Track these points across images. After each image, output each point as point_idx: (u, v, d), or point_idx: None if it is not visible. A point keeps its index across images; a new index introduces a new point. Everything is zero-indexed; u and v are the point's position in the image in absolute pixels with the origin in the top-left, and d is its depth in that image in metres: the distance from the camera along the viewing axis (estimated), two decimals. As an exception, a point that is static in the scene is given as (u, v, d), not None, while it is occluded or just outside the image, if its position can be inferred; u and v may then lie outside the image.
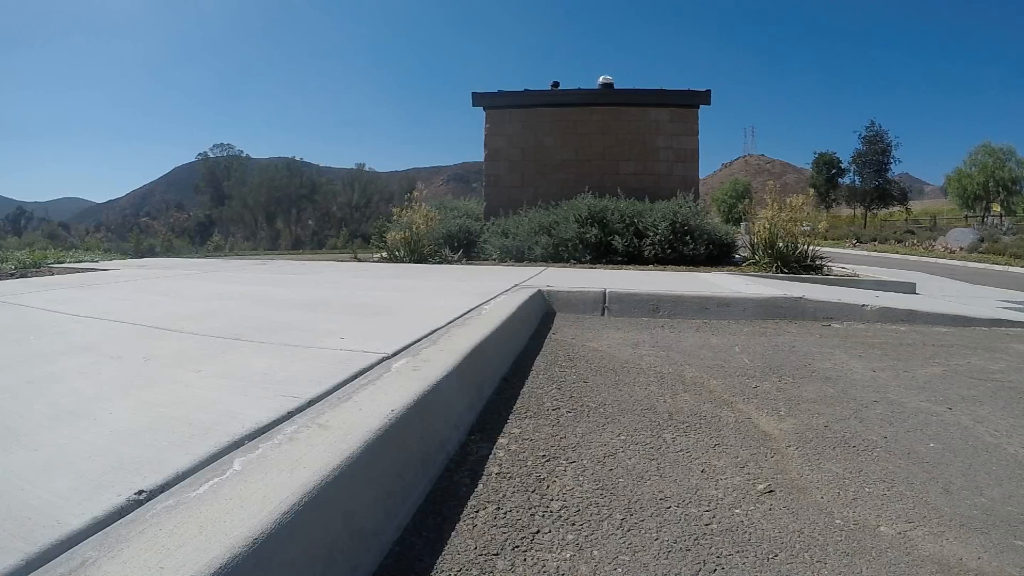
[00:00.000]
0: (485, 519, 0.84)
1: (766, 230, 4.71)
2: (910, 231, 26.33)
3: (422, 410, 0.99)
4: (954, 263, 12.93)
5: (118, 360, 1.20)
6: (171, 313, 1.84)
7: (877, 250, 17.43)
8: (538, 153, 7.16)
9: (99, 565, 0.51)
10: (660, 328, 2.32)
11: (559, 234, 5.34)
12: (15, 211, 77.18)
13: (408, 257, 5.28)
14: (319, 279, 3.12)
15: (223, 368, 1.14)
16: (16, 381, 1.05)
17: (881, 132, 35.81)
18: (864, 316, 2.56)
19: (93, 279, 2.95)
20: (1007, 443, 1.16)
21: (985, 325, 2.53)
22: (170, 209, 68.73)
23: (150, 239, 35.48)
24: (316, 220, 44.21)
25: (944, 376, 1.68)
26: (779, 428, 1.22)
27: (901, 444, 1.15)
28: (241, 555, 0.53)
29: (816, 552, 0.78)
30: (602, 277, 3.43)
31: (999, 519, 0.87)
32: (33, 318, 1.75)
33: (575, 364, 1.70)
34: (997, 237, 16.83)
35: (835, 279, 4.19)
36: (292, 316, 1.80)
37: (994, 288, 5.98)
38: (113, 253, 8.34)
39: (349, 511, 0.71)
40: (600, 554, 0.77)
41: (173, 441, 0.77)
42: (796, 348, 2.01)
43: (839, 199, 39.28)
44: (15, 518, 0.58)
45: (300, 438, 0.79)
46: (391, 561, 0.74)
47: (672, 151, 7.24)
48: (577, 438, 1.14)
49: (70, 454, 0.73)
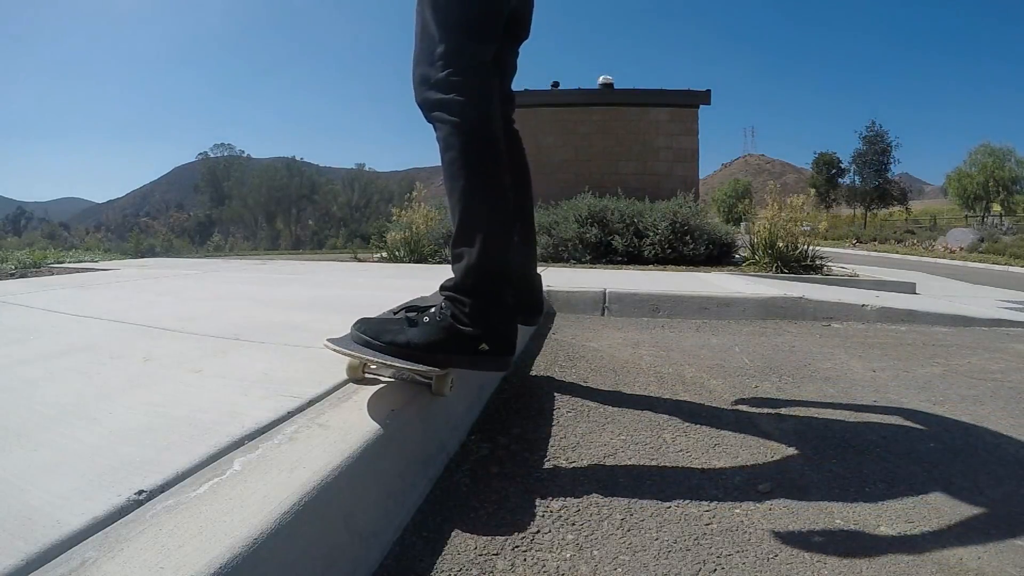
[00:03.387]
0: (485, 519, 0.84)
1: (766, 230, 4.72)
2: (910, 231, 26.34)
3: (423, 410, 0.99)
4: (954, 263, 12.93)
5: (118, 360, 1.20)
6: (171, 313, 1.84)
7: (877, 250, 17.44)
8: (538, 153, 7.16)
9: (99, 565, 0.51)
10: (660, 328, 2.32)
11: (559, 234, 5.34)
12: (15, 211, 77.21)
13: (408, 257, 5.28)
14: (319, 279, 3.12)
15: (223, 368, 1.14)
16: (16, 381, 1.05)
17: (881, 132, 35.83)
18: (864, 316, 2.56)
19: (93, 279, 2.95)
20: (1007, 443, 1.16)
21: (985, 325, 2.53)
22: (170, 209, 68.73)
23: (150, 239, 35.52)
24: (316, 220, 44.27)
25: (944, 376, 1.68)
26: (779, 428, 1.22)
27: (901, 444, 1.15)
28: (241, 555, 0.53)
29: (816, 552, 0.78)
30: (602, 277, 3.44)
31: (999, 519, 0.87)
32: (33, 318, 1.75)
33: (575, 364, 1.70)
34: (997, 237, 16.84)
35: (835, 279, 4.19)
36: (292, 316, 1.80)
37: (994, 288, 5.99)
38: (113, 253, 8.35)
39: (349, 511, 0.71)
40: (600, 554, 0.77)
41: (173, 441, 0.77)
42: (796, 348, 2.01)
43: (839, 199, 39.31)
44: (15, 518, 0.58)
45: (300, 438, 0.79)
46: (391, 561, 0.74)
47: (672, 151, 7.24)
48: (577, 438, 1.14)
49: (70, 454, 0.73)
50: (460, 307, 0.97)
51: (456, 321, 0.97)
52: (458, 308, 0.97)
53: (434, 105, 1.00)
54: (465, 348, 0.97)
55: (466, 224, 0.98)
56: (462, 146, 0.98)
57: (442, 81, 0.98)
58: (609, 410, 1.30)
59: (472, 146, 0.98)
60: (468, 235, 0.98)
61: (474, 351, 0.97)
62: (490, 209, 0.99)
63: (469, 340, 0.97)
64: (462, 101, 0.98)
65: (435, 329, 0.97)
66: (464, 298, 0.97)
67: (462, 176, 0.98)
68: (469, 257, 0.97)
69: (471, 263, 0.97)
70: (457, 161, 0.98)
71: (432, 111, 1.01)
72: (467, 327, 0.97)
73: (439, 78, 0.99)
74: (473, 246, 0.97)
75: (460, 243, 0.99)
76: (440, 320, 0.97)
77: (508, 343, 1.02)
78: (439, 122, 1.00)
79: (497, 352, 0.99)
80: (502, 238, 1.01)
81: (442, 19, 0.99)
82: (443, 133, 1.00)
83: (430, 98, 1.01)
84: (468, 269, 0.97)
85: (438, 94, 0.99)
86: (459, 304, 0.97)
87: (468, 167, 0.98)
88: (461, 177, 0.98)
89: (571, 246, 5.25)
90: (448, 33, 0.99)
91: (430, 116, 1.03)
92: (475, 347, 0.97)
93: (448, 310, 0.98)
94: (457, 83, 0.98)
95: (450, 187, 1.00)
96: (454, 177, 0.99)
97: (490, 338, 0.98)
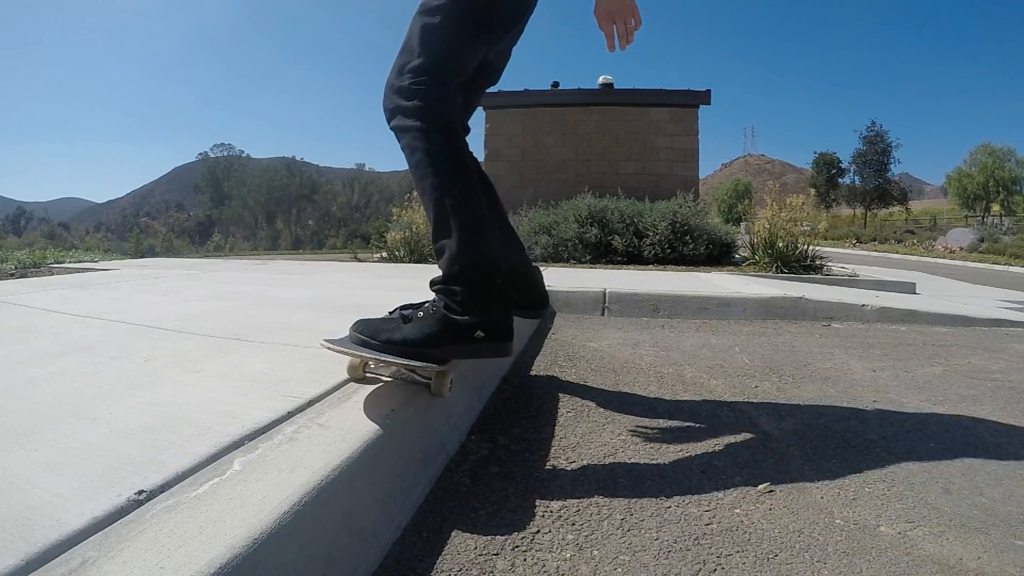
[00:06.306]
0: (485, 519, 0.84)
1: (766, 230, 4.72)
2: (910, 231, 26.36)
3: (422, 410, 0.99)
4: (954, 263, 12.94)
5: (118, 360, 1.20)
6: (171, 313, 1.84)
7: (877, 250, 17.45)
8: (538, 153, 7.17)
9: (99, 565, 0.51)
10: (660, 328, 2.32)
11: (559, 234, 5.34)
12: (15, 211, 77.23)
13: (408, 257, 5.27)
14: (319, 279, 3.12)
15: (223, 368, 1.14)
16: (16, 381, 1.05)
17: (881, 132, 35.84)
18: (864, 316, 2.56)
19: (93, 279, 2.95)
20: (1007, 443, 1.16)
21: (985, 325, 2.53)
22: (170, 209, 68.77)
23: (150, 239, 35.54)
24: (316, 220, 44.28)
25: (944, 376, 1.68)
26: (779, 428, 1.22)
27: (901, 444, 1.15)
28: (241, 555, 0.53)
29: (816, 552, 0.78)
30: (602, 277, 3.44)
31: (999, 519, 0.87)
32: (33, 318, 1.75)
33: (575, 364, 1.70)
34: (997, 237, 16.85)
35: (835, 279, 4.19)
36: (293, 316, 1.80)
37: (994, 288, 5.99)
38: (113, 253, 8.35)
39: (349, 511, 0.71)
40: (600, 554, 0.77)
41: (173, 441, 0.77)
42: (796, 348, 2.01)
43: (839, 199, 39.32)
44: (16, 517, 0.58)
45: (300, 438, 0.79)
46: (391, 561, 0.74)
47: (672, 151, 7.24)
48: (577, 438, 1.14)
49: (70, 454, 0.73)
50: (452, 297, 0.98)
51: (449, 312, 0.98)
52: (450, 298, 0.98)
53: (397, 111, 1.04)
54: (461, 337, 0.97)
55: (441, 216, 1.00)
56: (426, 146, 1.01)
57: (405, 88, 1.03)
58: (609, 410, 1.30)
59: (435, 145, 1.01)
60: (444, 227, 1.00)
61: (471, 339, 0.98)
62: (461, 198, 1.01)
63: (464, 329, 0.97)
64: (422, 107, 1.02)
65: (429, 322, 0.97)
66: (454, 287, 0.98)
67: (429, 173, 1.01)
68: (450, 248, 0.99)
69: (453, 252, 0.99)
70: (423, 161, 1.01)
71: (395, 116, 1.05)
72: (461, 316, 0.97)
73: (403, 86, 1.03)
74: (451, 236, 0.99)
75: (439, 236, 1.01)
76: (434, 312, 0.98)
77: (504, 328, 1.02)
78: (402, 130, 1.04)
79: (494, 338, 1.00)
80: (478, 224, 1.02)
81: (423, 40, 1.04)
82: (407, 139, 1.03)
83: (394, 104, 1.04)
84: (452, 258, 0.99)
85: (402, 100, 1.03)
86: (451, 294, 0.98)
87: (434, 164, 1.01)
88: (429, 175, 1.01)
89: (571, 246, 5.24)
90: (424, 52, 1.03)
91: (393, 123, 1.06)
92: (471, 335, 0.98)
93: (441, 302, 0.99)
94: (420, 91, 1.02)
95: (420, 188, 1.03)
96: (422, 177, 1.02)
97: (485, 325, 0.98)
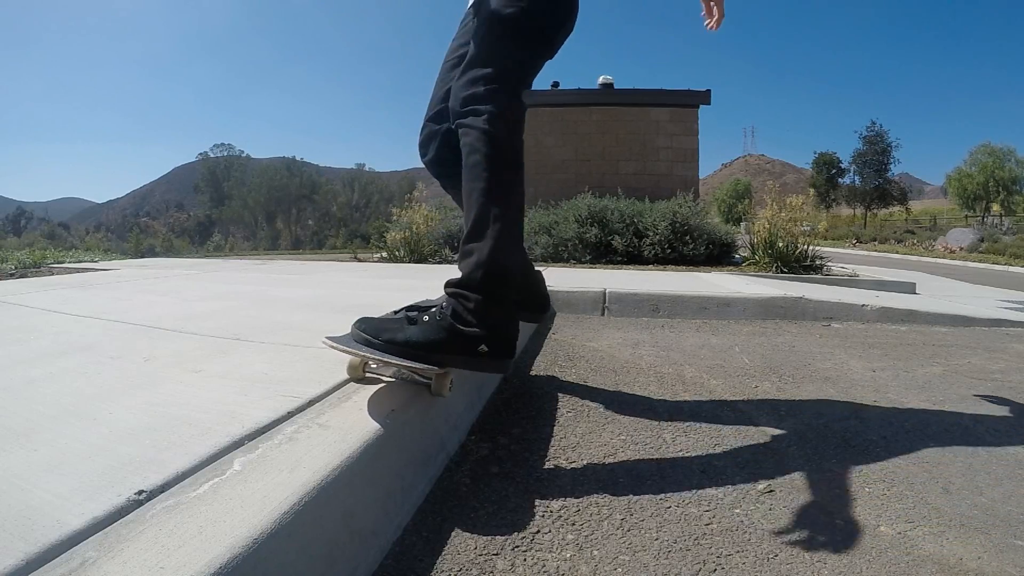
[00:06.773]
0: (485, 519, 0.84)
1: (766, 230, 4.72)
2: (910, 231, 26.36)
3: (423, 410, 0.99)
4: (954, 263, 12.94)
5: (118, 360, 1.20)
6: (171, 313, 1.84)
7: (877, 250, 17.45)
8: (538, 153, 7.16)
9: (99, 565, 0.51)
10: (660, 328, 2.32)
11: (559, 234, 5.34)
12: (15, 211, 77.20)
13: (408, 257, 5.28)
14: (319, 279, 3.12)
15: (223, 368, 1.14)
16: (16, 381, 1.05)
17: (881, 132, 35.83)
18: (864, 316, 2.56)
19: (93, 279, 2.95)
20: (1007, 443, 1.16)
21: (985, 325, 2.53)
22: (170, 209, 68.71)
23: (150, 239, 35.51)
24: (316, 220, 44.26)
25: (944, 376, 1.68)
26: (779, 427, 1.22)
27: (901, 444, 1.15)
28: (241, 555, 0.53)
29: (816, 552, 0.78)
30: (602, 277, 3.44)
31: (999, 519, 0.87)
32: (33, 318, 1.75)
33: (575, 364, 1.70)
34: (997, 237, 16.85)
35: (835, 279, 4.19)
36: (293, 316, 1.80)
37: (994, 288, 5.99)
38: (113, 253, 8.35)
39: (349, 511, 0.71)
40: (600, 554, 0.77)
41: (173, 441, 0.77)
42: (796, 348, 2.01)
43: (839, 199, 39.30)
44: (16, 517, 0.58)
45: (300, 438, 0.79)
46: (391, 561, 0.74)
47: (672, 151, 7.24)
48: (577, 438, 1.14)
49: (70, 454, 0.73)
50: (464, 303, 0.98)
51: (457, 321, 0.97)
52: (462, 304, 0.98)
53: (470, 112, 1.06)
54: (464, 349, 0.97)
55: (481, 221, 1.01)
56: (488, 151, 1.02)
57: (481, 94, 1.05)
58: (609, 410, 1.30)
59: (497, 152, 1.03)
60: (481, 232, 1.00)
61: (473, 352, 0.97)
62: (504, 209, 1.02)
63: (469, 340, 0.97)
64: (495, 113, 1.04)
65: (435, 328, 0.97)
66: (470, 294, 0.98)
67: (484, 178, 1.02)
68: (480, 253, 0.99)
69: (482, 258, 0.99)
70: (480, 163, 1.03)
71: (467, 115, 1.06)
72: (468, 327, 0.97)
73: (479, 91, 1.05)
74: (484, 242, 0.99)
75: (472, 239, 1.02)
76: (440, 320, 0.97)
77: (509, 345, 1.02)
78: (470, 127, 1.05)
79: (496, 355, 0.99)
80: (515, 238, 1.04)
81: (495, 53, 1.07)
82: (471, 138, 1.04)
83: (468, 106, 1.06)
84: (478, 264, 0.99)
85: (477, 104, 1.05)
86: (463, 300, 0.98)
87: (490, 169, 1.02)
88: (483, 179, 1.02)
89: (571, 246, 5.25)
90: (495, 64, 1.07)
91: (464, 120, 1.07)
92: (474, 348, 0.97)
93: (449, 309, 0.98)
94: (497, 99, 1.05)
95: (469, 189, 1.04)
96: (475, 179, 1.03)
97: (491, 339, 0.98)
